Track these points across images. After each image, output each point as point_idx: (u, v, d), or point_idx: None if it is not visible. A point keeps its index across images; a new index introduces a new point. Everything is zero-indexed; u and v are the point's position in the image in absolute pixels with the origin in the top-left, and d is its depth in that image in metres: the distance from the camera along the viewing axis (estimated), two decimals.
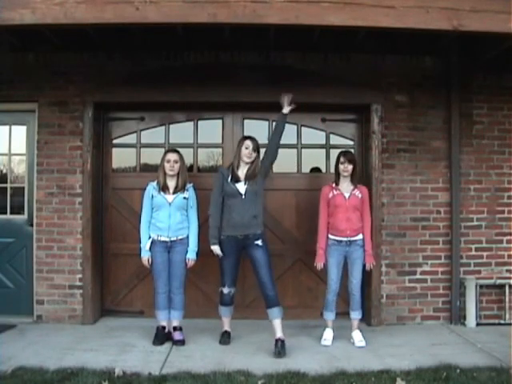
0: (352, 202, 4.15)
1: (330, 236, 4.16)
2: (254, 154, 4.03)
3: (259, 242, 4.02)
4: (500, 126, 4.90)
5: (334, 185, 4.23)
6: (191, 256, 4.13)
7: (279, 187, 4.94)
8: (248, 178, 4.01)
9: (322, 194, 4.24)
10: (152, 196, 4.11)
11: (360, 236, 4.15)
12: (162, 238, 4.07)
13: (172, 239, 4.08)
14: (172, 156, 4.11)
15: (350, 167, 4.14)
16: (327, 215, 4.19)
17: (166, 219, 4.05)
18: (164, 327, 4.17)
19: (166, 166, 4.08)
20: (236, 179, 4.02)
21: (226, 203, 4.02)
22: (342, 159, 4.16)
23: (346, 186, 4.19)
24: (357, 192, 4.18)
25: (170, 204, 4.07)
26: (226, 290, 4.12)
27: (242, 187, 4.00)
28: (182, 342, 4.09)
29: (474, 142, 4.90)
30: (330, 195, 4.19)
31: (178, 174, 4.13)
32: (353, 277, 4.16)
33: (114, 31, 4.31)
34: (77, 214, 4.75)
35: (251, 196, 4.00)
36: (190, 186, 4.19)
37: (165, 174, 4.10)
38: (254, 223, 3.99)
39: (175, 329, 4.18)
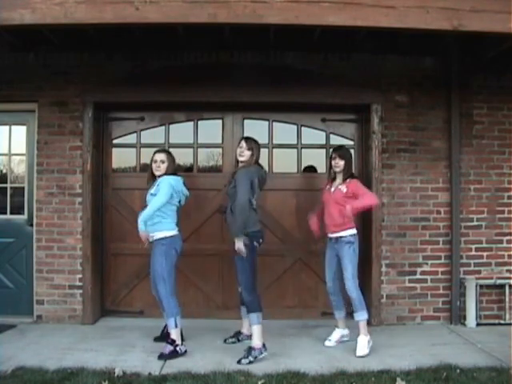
0: (334, 196, 4.07)
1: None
2: (247, 153, 3.97)
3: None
4: (500, 126, 4.90)
5: (330, 181, 4.21)
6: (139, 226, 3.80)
7: (279, 187, 4.94)
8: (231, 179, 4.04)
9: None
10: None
11: (345, 233, 4.00)
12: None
13: (150, 240, 3.92)
14: (158, 156, 4.01)
15: (341, 163, 4.06)
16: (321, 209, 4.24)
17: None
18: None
19: (153, 166, 4.00)
20: None
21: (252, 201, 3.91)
22: (333, 155, 4.14)
23: (337, 182, 4.14)
24: (342, 186, 4.05)
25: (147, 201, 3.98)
26: (239, 288, 4.01)
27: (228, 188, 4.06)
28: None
29: (474, 142, 4.90)
30: (324, 190, 4.23)
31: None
32: (344, 276, 4.03)
33: (113, 31, 4.30)
34: (77, 213, 4.75)
35: (231, 197, 4.00)
36: (161, 178, 3.93)
37: (152, 174, 4.01)
38: (231, 223, 4.00)
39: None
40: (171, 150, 5.00)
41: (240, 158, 3.99)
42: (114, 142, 5.08)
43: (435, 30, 3.56)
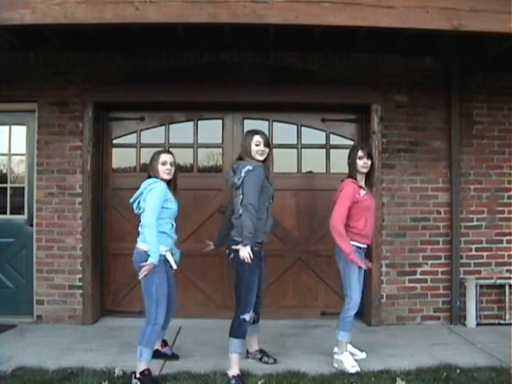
0: (374, 203, 3.76)
1: (352, 242, 3.56)
2: (267, 150, 3.46)
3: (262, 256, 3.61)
4: (500, 126, 4.90)
5: (357, 182, 3.63)
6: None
7: (279, 187, 4.89)
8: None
9: (349, 190, 3.55)
10: (167, 199, 3.41)
11: None
12: (168, 255, 3.47)
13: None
14: (169, 158, 3.49)
15: (369, 163, 3.63)
16: (346, 217, 3.56)
17: (175, 230, 3.56)
18: (149, 370, 3.31)
19: (162, 168, 3.45)
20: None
21: (263, 205, 3.36)
22: (360, 153, 3.61)
23: (364, 187, 3.69)
24: (371, 193, 3.77)
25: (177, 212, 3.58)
26: (249, 317, 3.34)
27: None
28: (176, 357, 3.76)
29: (474, 142, 4.90)
30: (359, 195, 3.58)
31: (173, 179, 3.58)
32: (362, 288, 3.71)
33: (114, 31, 4.31)
34: (77, 213, 4.75)
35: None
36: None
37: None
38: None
39: (166, 344, 3.82)
40: (171, 149, 5.01)
41: (260, 158, 3.43)
42: (114, 141, 5.08)
43: (435, 29, 3.56)
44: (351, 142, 5.06)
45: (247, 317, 3.31)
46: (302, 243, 4.96)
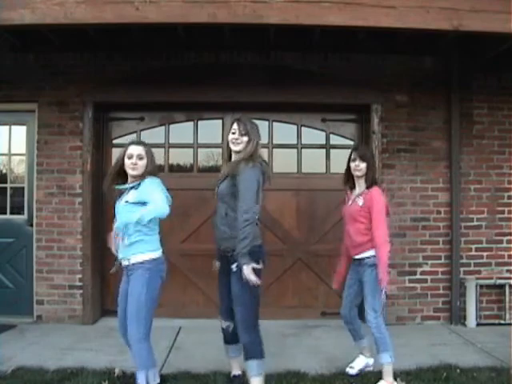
0: (350, 210, 3.36)
1: None
2: (244, 139, 2.95)
3: (233, 267, 2.88)
4: (500, 126, 4.91)
5: (350, 190, 3.48)
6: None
7: (279, 187, 4.92)
8: (228, 173, 2.99)
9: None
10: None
11: (367, 253, 3.25)
12: (122, 262, 2.97)
13: (125, 263, 2.93)
14: (136, 149, 2.95)
15: (363, 165, 3.30)
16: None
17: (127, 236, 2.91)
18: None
19: (127, 162, 2.93)
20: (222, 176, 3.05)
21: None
22: (352, 155, 3.36)
23: (356, 191, 3.40)
24: (359, 199, 3.31)
25: (118, 213, 2.95)
26: (223, 324, 3.20)
27: (219, 185, 3.09)
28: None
29: (474, 142, 4.90)
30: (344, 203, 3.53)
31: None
32: (367, 307, 3.25)
33: (113, 31, 4.31)
34: (77, 214, 4.75)
35: (223, 198, 3.03)
36: (146, 180, 2.91)
37: (118, 174, 3.01)
38: (225, 236, 2.97)
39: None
40: (171, 150, 5.05)
41: (235, 148, 2.98)
42: (114, 142, 5.08)
43: (435, 29, 3.57)
44: (351, 142, 5.06)
45: (221, 323, 3.21)
46: (302, 243, 4.96)
